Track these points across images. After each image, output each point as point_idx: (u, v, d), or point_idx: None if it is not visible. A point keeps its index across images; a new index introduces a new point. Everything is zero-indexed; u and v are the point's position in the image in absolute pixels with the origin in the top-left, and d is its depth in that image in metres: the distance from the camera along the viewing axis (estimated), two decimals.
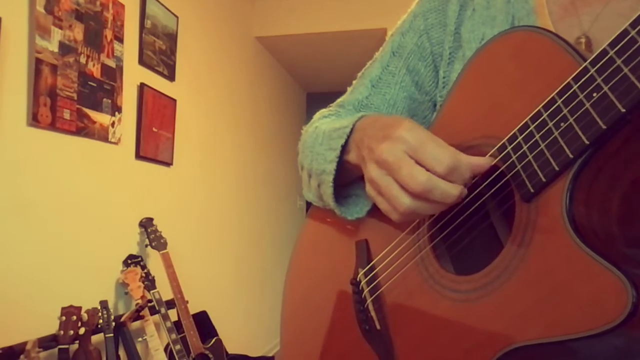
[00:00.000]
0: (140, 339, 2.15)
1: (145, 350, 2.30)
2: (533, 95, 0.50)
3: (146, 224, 2.39)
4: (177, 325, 2.26)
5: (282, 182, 4.95)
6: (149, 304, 2.17)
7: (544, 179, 0.47)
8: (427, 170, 0.51)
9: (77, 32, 1.98)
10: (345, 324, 0.68)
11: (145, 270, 2.24)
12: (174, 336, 2.18)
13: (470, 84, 0.60)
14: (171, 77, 2.74)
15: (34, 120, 1.78)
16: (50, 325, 1.78)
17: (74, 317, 1.78)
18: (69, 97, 1.93)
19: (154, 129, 2.55)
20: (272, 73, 4.67)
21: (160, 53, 2.63)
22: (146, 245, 2.38)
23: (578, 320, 0.42)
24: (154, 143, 2.55)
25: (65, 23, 1.92)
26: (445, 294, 0.56)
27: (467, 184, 0.52)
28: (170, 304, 2.30)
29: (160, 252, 2.34)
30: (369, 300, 0.64)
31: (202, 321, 2.68)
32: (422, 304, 0.58)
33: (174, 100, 2.75)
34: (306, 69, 5.10)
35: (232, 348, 2.80)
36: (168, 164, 2.72)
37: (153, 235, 2.36)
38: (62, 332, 1.74)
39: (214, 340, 2.43)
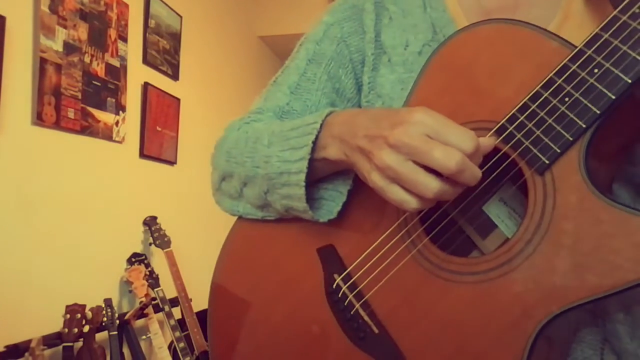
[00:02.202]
0: (144, 337, 2.16)
1: (149, 348, 2.32)
2: (520, 80, 0.54)
3: (150, 223, 2.39)
4: (181, 323, 2.27)
5: None
6: (153, 302, 2.18)
7: (558, 150, 0.50)
8: None
9: (82, 31, 1.99)
10: (326, 338, 0.63)
11: (149, 269, 2.25)
12: (177, 334, 2.19)
13: (439, 77, 0.61)
14: (175, 76, 2.75)
15: (39, 119, 1.79)
16: (55, 323, 1.79)
17: (79, 315, 1.79)
18: (73, 96, 1.94)
19: (158, 128, 2.56)
20: (275, 72, 4.65)
21: (164, 52, 2.64)
22: (150, 244, 2.39)
23: (629, 268, 0.46)
24: (157, 142, 2.56)
25: (70, 22, 1.93)
26: (459, 279, 0.54)
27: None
28: (174, 302, 2.31)
29: (164, 250, 2.35)
30: (357, 306, 0.61)
31: (206, 319, 2.69)
32: (431, 296, 0.56)
33: (178, 100, 2.76)
34: None
35: None
36: (172, 162, 2.73)
37: (157, 234, 2.37)
38: (66, 330, 1.75)
39: None
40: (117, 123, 2.22)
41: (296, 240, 0.69)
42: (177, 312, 2.30)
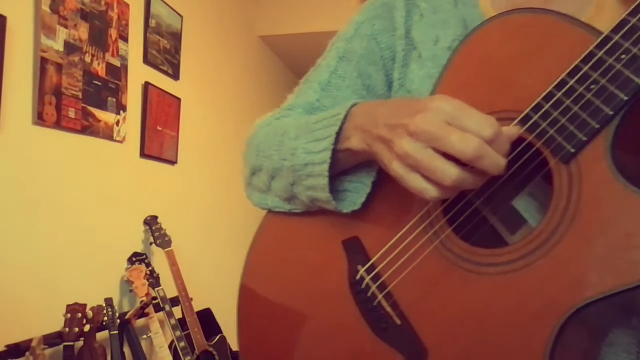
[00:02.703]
0: (145, 337, 2.16)
1: (150, 348, 2.32)
2: (545, 69, 0.53)
3: (151, 222, 2.40)
4: (182, 323, 2.27)
5: None
6: (154, 302, 2.18)
7: (584, 138, 0.49)
8: None
9: (83, 31, 2.00)
10: (348, 329, 0.64)
11: (150, 268, 2.25)
12: (178, 333, 2.19)
13: (465, 68, 0.61)
14: (176, 76, 2.76)
15: (40, 119, 1.79)
16: (56, 323, 1.80)
17: (79, 315, 1.79)
18: (74, 96, 1.95)
19: (159, 128, 2.56)
20: (275, 72, 4.67)
21: (165, 52, 2.64)
22: (151, 243, 2.39)
23: None
24: (158, 142, 2.57)
25: (71, 22, 1.93)
26: (481, 271, 0.54)
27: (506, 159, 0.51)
28: (174, 302, 2.31)
29: (165, 250, 2.35)
30: (380, 298, 0.61)
31: (207, 319, 2.69)
32: (454, 287, 0.56)
33: (179, 99, 2.76)
34: (310, 68, 5.08)
35: (236, 345, 2.81)
36: (172, 162, 2.73)
37: (158, 234, 2.37)
38: (67, 330, 1.75)
39: (218, 337, 2.44)
40: (117, 123, 2.22)
41: (322, 232, 0.70)
42: (177, 312, 2.30)
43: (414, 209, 0.61)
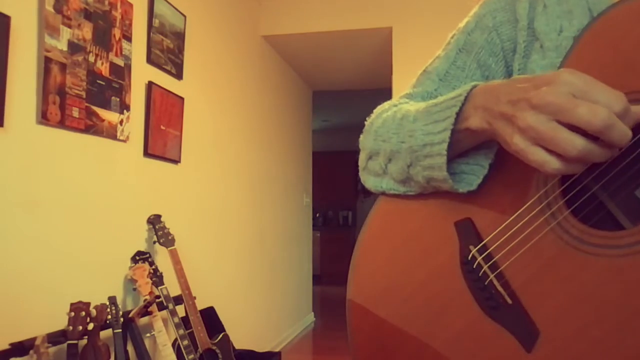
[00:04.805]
0: (148, 335, 2.17)
1: (153, 346, 2.33)
2: None
3: (154, 221, 2.41)
4: (185, 321, 2.28)
5: (288, 179, 4.96)
6: (157, 300, 2.19)
7: None
8: None
9: (86, 31, 2.01)
10: (458, 306, 0.65)
11: (154, 267, 2.26)
12: (181, 332, 2.20)
13: (589, 52, 0.60)
14: (179, 75, 2.76)
15: (43, 118, 1.80)
16: (59, 321, 1.81)
17: (83, 313, 1.80)
18: (78, 96, 1.95)
19: (162, 127, 2.57)
20: (278, 71, 4.68)
21: (168, 52, 2.65)
22: (154, 242, 2.40)
23: None
24: (161, 141, 2.57)
25: (74, 22, 1.94)
26: (599, 252, 0.53)
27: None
28: (178, 300, 2.32)
29: (168, 248, 2.36)
30: (491, 277, 0.62)
31: (210, 317, 2.70)
32: (569, 268, 0.56)
33: (182, 99, 2.77)
34: (312, 67, 5.10)
35: (239, 344, 2.82)
36: (176, 161, 2.74)
37: (161, 232, 2.38)
38: (71, 328, 1.76)
39: (221, 335, 2.45)
40: (121, 122, 2.23)
41: (435, 214, 0.72)
42: (181, 310, 2.31)
43: (530, 192, 0.61)
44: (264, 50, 4.23)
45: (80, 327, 1.77)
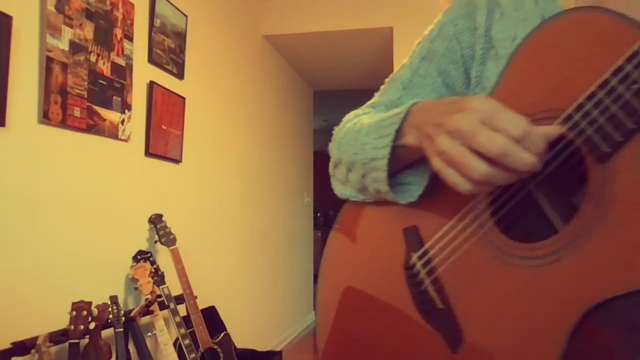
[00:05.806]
0: (149, 334, 2.17)
1: (154, 345, 2.33)
2: (597, 69, 0.53)
3: (155, 220, 2.41)
4: (186, 320, 2.28)
5: (289, 179, 4.96)
6: (159, 299, 2.19)
7: (620, 138, 0.50)
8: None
9: (88, 30, 2.01)
10: (399, 308, 0.71)
11: (155, 266, 2.26)
12: (182, 331, 2.20)
13: (526, 64, 0.62)
14: (180, 75, 2.77)
15: (45, 117, 1.80)
16: (61, 320, 1.81)
17: (84, 312, 1.80)
18: (80, 95, 1.96)
19: (163, 127, 2.57)
20: (279, 71, 4.68)
21: (170, 51, 2.65)
22: (155, 241, 2.40)
23: None
24: (163, 140, 2.58)
25: (76, 22, 1.95)
26: (517, 263, 0.57)
27: (543, 157, 0.53)
28: (179, 299, 2.32)
29: (170, 248, 2.36)
30: (427, 282, 0.66)
31: (211, 316, 2.71)
32: (492, 277, 0.59)
33: (183, 98, 2.77)
34: (313, 67, 5.10)
35: (240, 343, 2.82)
36: (177, 161, 2.74)
37: (162, 232, 2.38)
38: (72, 327, 1.76)
39: (222, 335, 2.45)
40: (122, 122, 2.23)
41: (389, 220, 0.77)
42: (182, 309, 2.31)
43: (467, 200, 0.65)
44: (265, 50, 4.23)
45: (82, 327, 1.78)
